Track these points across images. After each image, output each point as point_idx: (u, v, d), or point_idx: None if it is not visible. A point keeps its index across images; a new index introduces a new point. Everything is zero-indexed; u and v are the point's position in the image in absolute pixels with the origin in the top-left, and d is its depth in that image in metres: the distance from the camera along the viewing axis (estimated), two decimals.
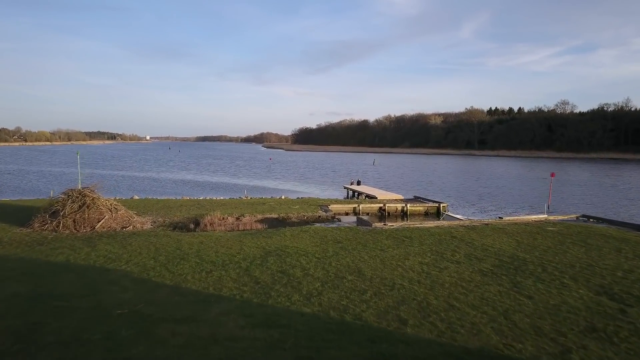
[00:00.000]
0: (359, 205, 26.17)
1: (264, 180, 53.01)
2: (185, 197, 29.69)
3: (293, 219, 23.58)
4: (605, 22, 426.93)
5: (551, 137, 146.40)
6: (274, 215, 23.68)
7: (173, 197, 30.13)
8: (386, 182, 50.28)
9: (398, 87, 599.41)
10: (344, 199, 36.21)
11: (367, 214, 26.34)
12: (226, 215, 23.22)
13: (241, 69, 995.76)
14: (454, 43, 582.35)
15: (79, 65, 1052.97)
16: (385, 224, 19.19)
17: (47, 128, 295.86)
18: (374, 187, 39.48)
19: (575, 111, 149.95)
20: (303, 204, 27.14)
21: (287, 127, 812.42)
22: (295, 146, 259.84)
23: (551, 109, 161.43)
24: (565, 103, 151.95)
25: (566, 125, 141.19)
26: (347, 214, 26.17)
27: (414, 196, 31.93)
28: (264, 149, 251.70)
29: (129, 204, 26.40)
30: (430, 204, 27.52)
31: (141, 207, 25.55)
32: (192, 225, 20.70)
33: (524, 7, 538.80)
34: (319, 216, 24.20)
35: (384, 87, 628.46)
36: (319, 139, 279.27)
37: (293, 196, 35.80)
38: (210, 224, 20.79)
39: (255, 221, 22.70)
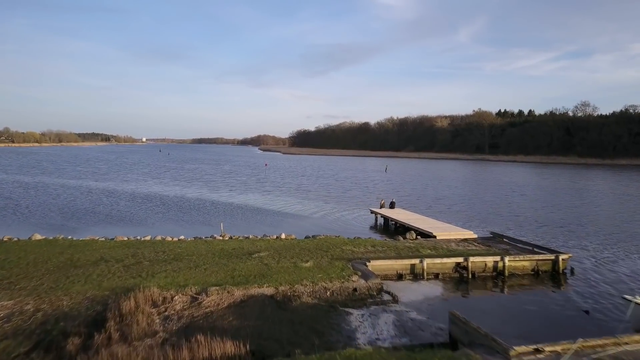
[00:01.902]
0: (421, 262, 14.60)
1: (253, 193, 41.03)
2: (119, 237, 18.04)
3: (304, 298, 12.08)
4: (601, 28, 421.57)
5: (570, 141, 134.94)
6: (267, 291, 12.15)
7: (101, 237, 18.44)
8: (417, 200, 38.80)
9: (395, 90, 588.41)
10: (370, 229, 24.74)
11: (437, 275, 14.83)
12: (173, 292, 11.71)
13: (239, 71, 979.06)
14: (451, 47, 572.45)
15: (76, 67, 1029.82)
16: (538, 349, 7.78)
17: (42, 129, 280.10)
18: (416, 211, 27.84)
19: (595, 114, 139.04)
20: (318, 254, 15.63)
21: (283, 130, 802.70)
22: (293, 149, 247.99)
23: (564, 111, 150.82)
24: (585, 105, 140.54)
25: (588, 129, 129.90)
26: (400, 276, 14.65)
27: (491, 233, 20.42)
28: (260, 152, 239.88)
29: (6, 254, 14.80)
30: (541, 257, 15.92)
31: (24, 263, 13.97)
32: (79, 337, 9.09)
33: (520, 12, 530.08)
34: (355, 289, 12.68)
35: (381, 90, 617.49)
36: (318, 142, 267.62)
37: (295, 225, 24.31)
38: (122, 334, 9.23)
39: (229, 307, 11.23)
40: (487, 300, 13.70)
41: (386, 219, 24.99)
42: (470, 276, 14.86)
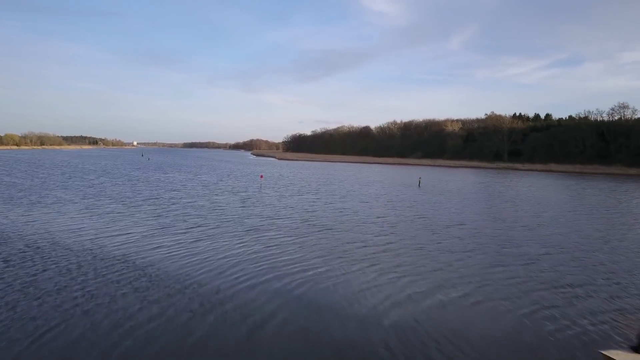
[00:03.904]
0: None
1: (230, 239, 22.51)
2: None
3: None
4: (591, 36, 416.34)
5: (607, 148, 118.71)
6: None
7: None
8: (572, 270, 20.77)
9: (389, 96, 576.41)
10: None
11: None
12: None
13: (231, 76, 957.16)
14: (443, 54, 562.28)
15: (68, 70, 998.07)
16: None
17: (25, 132, 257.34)
18: None
19: (634, 117, 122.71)
20: None
21: (275, 135, 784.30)
22: (289, 154, 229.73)
23: (591, 114, 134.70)
24: (624, 107, 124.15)
25: (629, 135, 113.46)
26: None
27: None
28: (253, 156, 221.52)
29: None
30: None
31: None
32: None
33: (511, 20, 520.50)
34: None
35: (374, 96, 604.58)
36: (314, 147, 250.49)
37: None
38: None
39: None
40: None
41: None
42: None
